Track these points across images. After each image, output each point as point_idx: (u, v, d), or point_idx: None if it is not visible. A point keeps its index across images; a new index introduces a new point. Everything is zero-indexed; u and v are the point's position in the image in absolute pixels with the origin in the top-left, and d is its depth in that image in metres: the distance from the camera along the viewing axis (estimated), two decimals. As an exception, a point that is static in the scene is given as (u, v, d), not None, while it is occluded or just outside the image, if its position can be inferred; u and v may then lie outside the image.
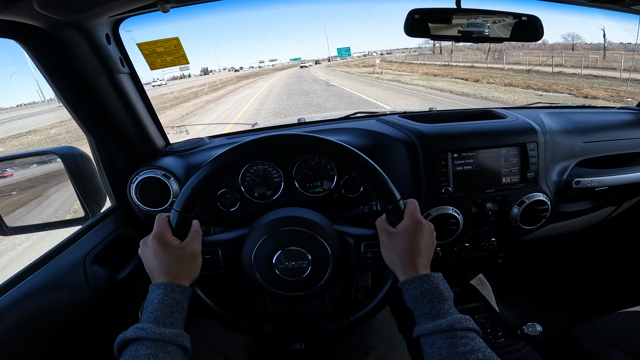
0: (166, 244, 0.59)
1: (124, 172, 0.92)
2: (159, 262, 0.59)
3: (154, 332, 0.52)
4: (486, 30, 0.94)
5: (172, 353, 0.52)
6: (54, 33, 0.70)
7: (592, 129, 1.10)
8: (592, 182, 1.03)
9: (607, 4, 0.89)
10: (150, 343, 0.51)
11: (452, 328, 0.52)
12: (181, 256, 0.60)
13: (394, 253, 0.61)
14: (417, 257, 0.59)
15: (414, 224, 0.61)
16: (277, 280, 0.65)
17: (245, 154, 0.63)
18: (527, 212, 0.98)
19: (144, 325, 0.52)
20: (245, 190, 0.94)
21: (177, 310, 0.56)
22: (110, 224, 0.93)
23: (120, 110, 0.88)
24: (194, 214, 0.63)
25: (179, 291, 0.58)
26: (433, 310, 0.55)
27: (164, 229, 0.61)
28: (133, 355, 0.49)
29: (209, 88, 22.78)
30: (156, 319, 0.54)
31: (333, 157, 0.65)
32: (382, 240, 0.63)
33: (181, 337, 0.54)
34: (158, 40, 0.87)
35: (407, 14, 0.92)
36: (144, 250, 0.61)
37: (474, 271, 1.46)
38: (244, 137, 1.13)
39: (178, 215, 0.61)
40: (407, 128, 0.97)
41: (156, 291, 0.57)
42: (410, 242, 0.60)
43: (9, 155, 0.91)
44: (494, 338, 1.14)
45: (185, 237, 0.62)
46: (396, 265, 0.61)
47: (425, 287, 0.57)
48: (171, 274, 0.58)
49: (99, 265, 0.82)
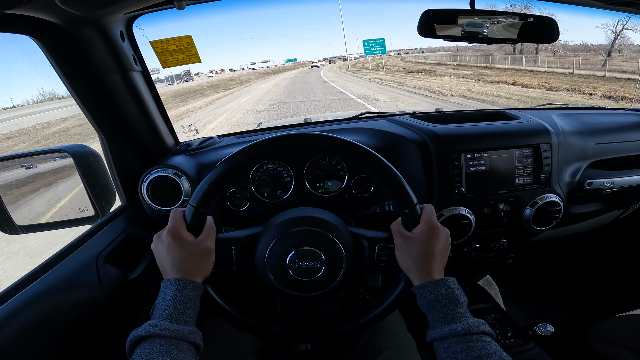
0: (180, 239, 0.59)
1: (134, 170, 0.92)
2: (172, 258, 0.58)
3: (168, 328, 0.51)
4: (501, 31, 0.94)
5: (184, 350, 0.51)
6: (70, 29, 0.70)
7: (603, 130, 1.10)
8: (605, 183, 1.03)
9: (623, 7, 0.88)
10: (163, 340, 0.50)
11: (468, 332, 0.52)
12: (195, 252, 0.59)
13: (409, 257, 0.61)
14: (432, 262, 0.60)
15: (431, 229, 0.61)
16: (290, 280, 0.65)
17: (263, 152, 0.63)
18: (539, 213, 0.98)
19: (157, 322, 0.52)
20: (256, 190, 0.94)
21: (190, 307, 0.56)
22: (121, 223, 0.93)
23: (132, 109, 0.88)
24: (209, 210, 0.63)
25: (192, 287, 0.57)
26: (449, 314, 0.55)
27: (179, 223, 0.60)
28: (146, 353, 0.48)
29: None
30: (169, 316, 0.53)
31: (351, 158, 0.65)
32: (398, 243, 0.63)
33: (194, 335, 0.54)
34: (171, 38, 0.87)
35: (420, 14, 0.92)
36: (157, 245, 0.61)
37: (482, 272, 1.46)
38: (253, 136, 1.13)
39: (194, 211, 0.61)
40: (419, 128, 0.97)
41: (169, 287, 0.56)
42: (426, 246, 0.60)
43: (21, 153, 0.90)
44: (504, 339, 1.14)
45: (200, 233, 0.62)
46: (411, 269, 0.61)
47: (441, 291, 0.57)
48: (184, 270, 0.58)
49: (110, 265, 0.81)
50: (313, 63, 48.15)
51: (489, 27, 0.94)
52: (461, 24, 0.93)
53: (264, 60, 76.33)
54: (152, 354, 0.48)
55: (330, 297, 0.70)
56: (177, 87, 28.05)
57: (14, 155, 0.90)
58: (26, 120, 16.17)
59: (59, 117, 14.86)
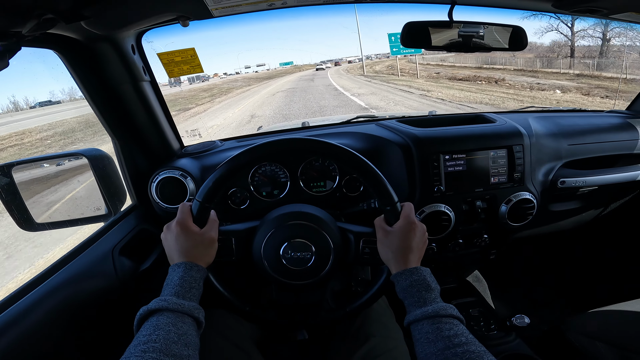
0: (187, 230, 0.66)
1: (144, 172, 1.01)
2: (180, 246, 0.65)
3: (175, 302, 0.56)
4: (474, 38, 1.01)
5: (188, 324, 0.56)
6: (89, 44, 0.79)
7: (578, 132, 1.16)
8: (577, 182, 1.10)
9: (587, 14, 0.96)
10: (170, 313, 0.55)
11: (437, 314, 0.58)
12: (200, 242, 0.66)
13: (389, 249, 0.68)
14: (409, 254, 0.66)
15: (409, 224, 0.68)
16: (283, 269, 0.72)
17: (262, 154, 0.71)
18: (514, 209, 1.05)
19: (166, 298, 0.57)
20: (254, 190, 1.03)
21: (194, 286, 0.61)
22: (133, 220, 1.02)
23: (142, 115, 0.97)
24: (213, 205, 0.70)
25: (197, 270, 0.63)
26: (421, 299, 0.61)
27: (187, 215, 0.67)
28: (154, 324, 0.53)
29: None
30: (176, 293, 0.59)
31: (340, 161, 0.72)
32: (379, 237, 0.70)
33: (197, 310, 0.59)
34: (176, 50, 0.96)
35: (402, 27, 1.00)
36: (167, 235, 0.67)
37: (469, 268, 1.53)
38: (253, 140, 1.21)
39: (199, 205, 0.68)
40: (402, 132, 1.05)
41: (176, 270, 0.62)
42: (404, 240, 0.67)
43: (40, 157, 0.99)
44: (487, 330, 1.19)
45: (204, 225, 0.69)
46: (390, 260, 0.68)
47: (414, 278, 0.63)
48: (190, 256, 0.64)
49: (125, 257, 0.90)
50: (318, 65, 43.73)
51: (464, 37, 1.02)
52: (441, 35, 1.01)
53: (259, 64, 70.97)
54: (159, 324, 0.53)
55: (320, 287, 0.79)
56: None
57: (35, 158, 0.99)
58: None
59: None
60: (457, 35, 1.02)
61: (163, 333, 0.52)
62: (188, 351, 0.53)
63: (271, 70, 56.25)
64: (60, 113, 15.68)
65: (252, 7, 0.79)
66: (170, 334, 0.52)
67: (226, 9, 0.76)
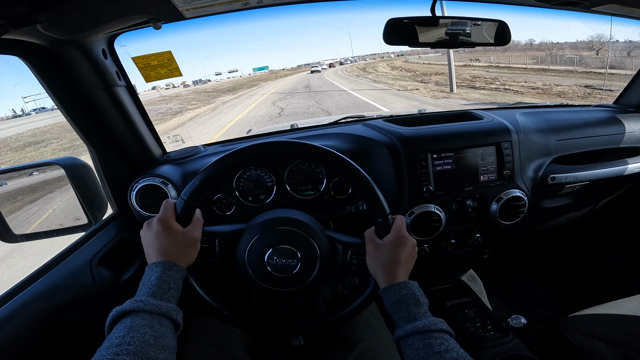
0: (169, 228, 0.63)
1: (123, 180, 0.98)
2: (160, 244, 0.62)
3: (152, 304, 0.54)
4: (461, 36, 1.00)
5: (165, 326, 0.54)
6: (55, 50, 0.76)
7: (566, 127, 1.15)
8: (567, 178, 1.08)
9: (568, 7, 0.94)
10: (146, 315, 0.52)
11: (428, 329, 0.57)
12: (182, 241, 0.63)
13: (378, 262, 0.67)
14: (397, 268, 0.65)
15: (400, 238, 0.67)
16: (267, 275, 0.70)
17: (254, 155, 0.68)
18: (505, 207, 1.03)
19: (142, 298, 0.54)
20: (240, 195, 1.00)
21: (173, 287, 0.59)
22: (113, 229, 0.99)
23: (119, 122, 0.93)
24: (199, 204, 0.68)
25: (176, 270, 0.61)
26: (410, 313, 0.60)
27: (170, 213, 0.65)
28: (128, 326, 0.50)
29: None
30: (154, 294, 0.56)
31: (333, 168, 0.70)
32: (369, 249, 0.69)
33: (176, 312, 0.56)
34: (152, 54, 0.93)
35: (385, 23, 0.98)
36: (146, 232, 0.65)
37: (463, 267, 1.51)
38: (238, 144, 1.18)
39: (184, 203, 0.66)
40: (389, 131, 1.03)
41: (154, 269, 0.59)
42: (394, 254, 0.66)
43: (15, 167, 0.96)
44: (484, 331, 1.18)
45: (188, 225, 0.66)
46: (378, 273, 0.67)
47: (403, 292, 0.62)
48: (169, 255, 0.61)
49: (104, 267, 0.88)
50: (313, 66, 37.67)
51: (450, 33, 1.00)
52: (423, 31, 0.99)
53: (231, 70, 68.12)
54: (134, 326, 0.50)
55: (305, 295, 0.76)
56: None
57: (8, 169, 0.97)
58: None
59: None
60: (444, 32, 1.00)
61: (138, 335, 0.49)
62: (165, 354, 0.50)
63: (244, 76, 49.78)
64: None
65: (226, 7, 0.76)
66: (146, 336, 0.50)
67: (198, 10, 0.73)
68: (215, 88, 30.29)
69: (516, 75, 13.73)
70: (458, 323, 1.22)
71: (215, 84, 39.66)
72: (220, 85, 33.25)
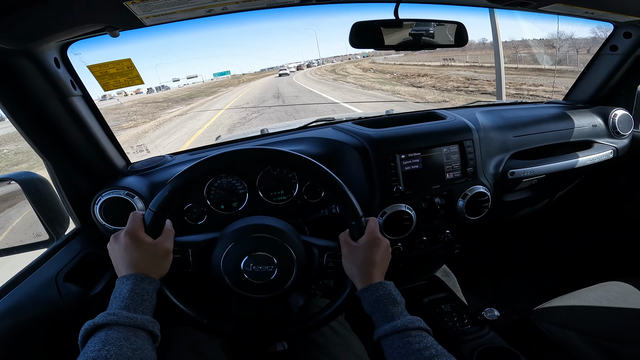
0: (138, 241, 0.62)
1: (85, 194, 0.93)
2: (130, 257, 0.61)
3: (126, 316, 0.53)
4: (424, 37, 1.03)
5: (142, 338, 0.53)
6: (3, 60, 0.71)
7: (521, 124, 1.22)
8: (525, 172, 1.15)
9: (518, 7, 0.99)
10: (121, 328, 0.52)
11: (406, 328, 0.59)
12: (153, 252, 0.62)
13: (354, 264, 0.68)
14: (373, 269, 0.67)
15: (373, 240, 0.68)
16: (244, 282, 0.70)
17: (223, 163, 0.68)
18: (470, 203, 1.08)
19: (115, 312, 0.53)
20: (212, 204, 0.98)
21: (147, 299, 0.58)
22: (78, 244, 0.95)
23: (76, 133, 0.89)
24: (168, 215, 0.66)
25: (149, 282, 0.60)
26: (388, 313, 0.62)
27: (138, 225, 0.63)
28: (102, 339, 0.49)
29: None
30: (127, 306, 0.55)
31: (304, 173, 0.71)
32: (344, 252, 0.70)
33: (152, 324, 0.56)
34: (109, 62, 0.89)
35: (351, 27, 0.99)
36: (114, 245, 0.63)
37: (437, 264, 1.55)
38: (207, 152, 1.16)
39: (153, 215, 0.64)
40: (358, 134, 1.05)
41: (125, 282, 0.58)
42: (369, 255, 0.67)
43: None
44: (461, 325, 1.21)
45: (158, 236, 0.65)
46: (355, 275, 0.68)
47: (380, 293, 0.64)
48: (140, 268, 0.60)
49: (71, 282, 0.85)
50: (281, 69, 35.49)
51: (413, 35, 1.03)
52: (387, 33, 1.01)
53: (190, 76, 63.68)
54: (109, 340, 0.49)
55: (283, 300, 0.77)
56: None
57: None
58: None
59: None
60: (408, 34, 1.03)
61: (115, 348, 0.48)
62: None
63: (206, 82, 44.74)
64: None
65: (189, 14, 0.74)
66: (123, 349, 0.49)
67: (159, 17, 0.71)
68: (167, 97, 25.91)
69: (515, 77, 12.80)
70: (436, 318, 1.26)
71: (169, 92, 34.96)
72: (173, 94, 28.92)
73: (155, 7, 0.65)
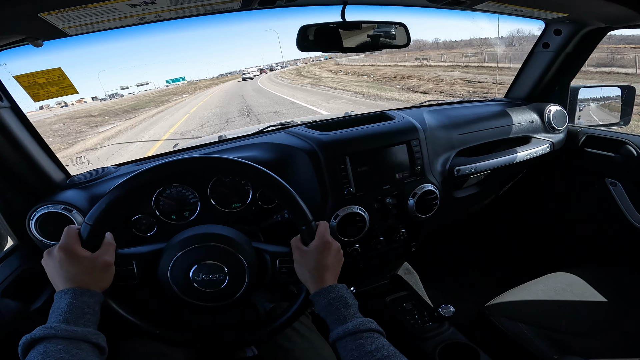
0: (74, 255, 0.60)
1: (19, 209, 0.88)
2: (66, 272, 0.59)
3: (65, 329, 0.51)
4: (368, 40, 1.05)
5: (86, 350, 0.52)
6: None
7: (465, 122, 1.27)
8: (470, 168, 1.21)
9: (455, 6, 1.02)
10: (61, 340, 0.50)
11: (358, 330, 0.60)
12: (91, 267, 0.60)
13: (306, 269, 0.69)
14: (325, 272, 0.68)
15: (324, 244, 0.69)
16: (194, 292, 0.69)
17: (166, 173, 0.66)
18: (420, 202, 1.11)
19: (53, 325, 0.52)
20: (161, 214, 0.96)
21: (88, 312, 0.56)
22: (15, 260, 0.91)
23: (5, 147, 0.83)
24: (108, 227, 0.64)
25: (89, 295, 0.58)
26: (341, 316, 0.63)
27: (73, 240, 0.61)
28: (41, 353, 0.48)
29: None
30: (66, 320, 0.53)
31: (252, 180, 0.71)
32: (296, 257, 0.70)
33: (95, 336, 0.54)
34: (38, 71, 0.83)
35: (297, 30, 0.99)
36: (47, 261, 0.61)
37: (397, 262, 1.58)
38: (153, 162, 1.12)
39: (90, 228, 0.62)
40: (309, 138, 1.06)
41: (63, 297, 0.56)
42: (320, 259, 0.68)
43: None
44: (423, 322, 1.24)
45: (97, 249, 0.63)
46: (307, 279, 0.69)
47: (332, 296, 0.65)
48: (78, 282, 0.58)
49: (9, 298, 0.82)
50: (244, 73, 34.87)
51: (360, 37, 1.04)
52: (335, 37, 1.02)
53: (140, 83, 58.75)
54: (47, 352, 0.48)
55: (238, 307, 0.76)
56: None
57: None
58: None
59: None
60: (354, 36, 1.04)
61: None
62: None
63: (161, 89, 39.20)
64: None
65: (118, 22, 0.71)
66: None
67: (83, 27, 0.67)
68: (104, 109, 21.20)
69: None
70: (398, 317, 1.29)
71: (109, 103, 31.01)
72: (115, 104, 24.20)
73: (76, 18, 0.62)
